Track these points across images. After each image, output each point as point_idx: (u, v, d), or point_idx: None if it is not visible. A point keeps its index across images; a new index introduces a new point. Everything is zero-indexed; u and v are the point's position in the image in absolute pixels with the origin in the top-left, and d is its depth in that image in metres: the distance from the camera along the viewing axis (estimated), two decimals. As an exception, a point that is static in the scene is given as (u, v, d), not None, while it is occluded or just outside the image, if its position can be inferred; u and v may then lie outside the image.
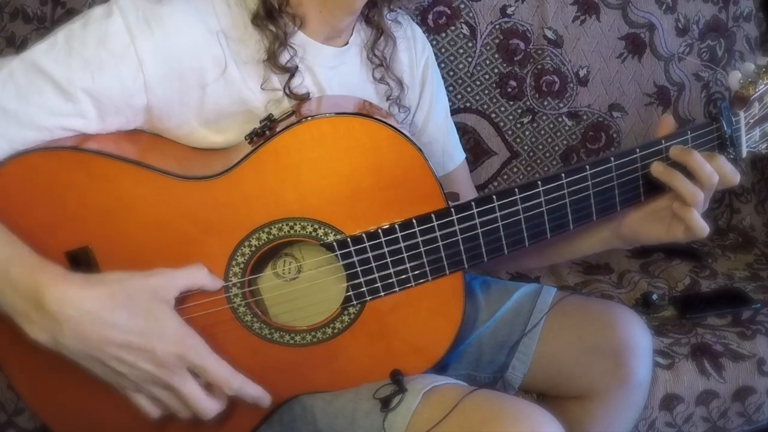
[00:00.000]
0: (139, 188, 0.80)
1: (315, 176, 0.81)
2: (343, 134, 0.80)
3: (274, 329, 0.88)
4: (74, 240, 0.81)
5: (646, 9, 1.61)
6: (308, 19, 0.91)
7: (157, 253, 0.82)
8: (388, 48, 1.02)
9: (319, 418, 0.92)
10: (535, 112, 1.61)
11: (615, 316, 1.11)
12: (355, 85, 0.99)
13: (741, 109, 0.91)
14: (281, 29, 0.88)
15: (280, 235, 0.83)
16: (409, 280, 0.87)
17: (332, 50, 0.95)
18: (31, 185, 0.79)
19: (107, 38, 0.79)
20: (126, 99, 0.82)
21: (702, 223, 0.90)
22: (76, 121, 0.81)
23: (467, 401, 0.83)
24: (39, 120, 0.79)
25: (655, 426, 1.27)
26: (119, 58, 0.79)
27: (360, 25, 1.01)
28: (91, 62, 0.79)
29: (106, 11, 0.80)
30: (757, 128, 0.93)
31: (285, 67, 0.89)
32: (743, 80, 0.91)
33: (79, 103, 0.80)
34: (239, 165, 0.80)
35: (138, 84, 0.81)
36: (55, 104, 0.79)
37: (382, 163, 0.82)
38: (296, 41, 0.90)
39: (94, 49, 0.79)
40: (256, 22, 0.87)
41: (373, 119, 0.81)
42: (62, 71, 0.78)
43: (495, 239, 0.86)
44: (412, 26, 1.10)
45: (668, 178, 0.88)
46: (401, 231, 0.84)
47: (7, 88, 0.78)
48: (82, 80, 0.79)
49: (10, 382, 0.92)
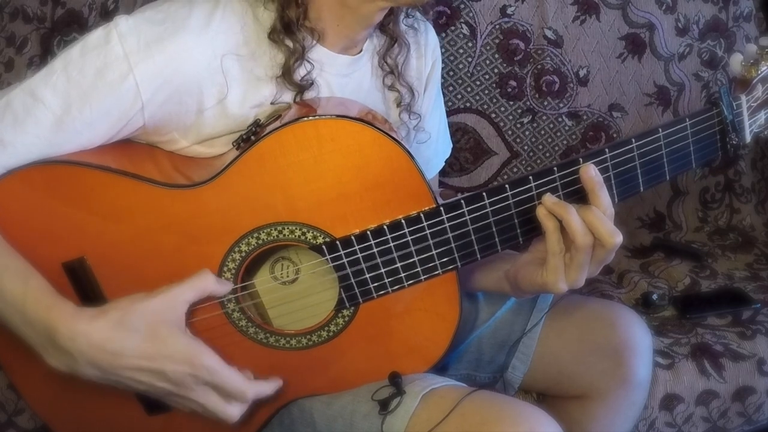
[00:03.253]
0: (130, 199, 0.81)
1: (301, 179, 0.81)
2: (327, 137, 0.80)
3: (270, 333, 0.88)
4: (70, 251, 0.82)
5: (646, 9, 1.61)
6: (326, 33, 0.89)
7: (150, 261, 0.83)
8: (402, 55, 1.01)
9: (318, 420, 0.92)
10: (535, 112, 1.61)
11: (615, 316, 1.11)
12: (366, 92, 0.98)
13: (743, 92, 0.88)
14: (299, 43, 0.86)
15: (268, 240, 0.83)
16: (401, 281, 0.86)
17: (346, 59, 0.94)
18: (26, 198, 0.80)
19: (105, 68, 0.78)
20: (123, 122, 0.82)
21: (558, 275, 0.83)
22: (71, 147, 0.81)
23: (466, 403, 0.83)
24: (36, 150, 0.80)
25: (655, 426, 1.27)
26: (118, 86, 0.79)
27: (373, 32, 0.99)
28: (89, 93, 0.79)
29: (105, 37, 0.79)
30: (761, 111, 0.90)
31: (299, 84, 0.87)
32: (745, 62, 0.88)
33: (77, 133, 0.80)
34: (225, 171, 0.80)
35: (136, 107, 0.81)
36: (51, 134, 0.79)
37: (367, 165, 0.81)
38: (314, 55, 0.89)
39: (92, 79, 0.79)
40: (272, 37, 0.85)
41: (357, 121, 0.80)
42: (59, 102, 0.79)
43: (487, 236, 0.85)
44: (427, 33, 1.08)
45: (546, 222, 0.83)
46: (390, 232, 0.83)
47: (6, 118, 0.79)
48: (80, 112, 0.79)
49: (10, 382, 0.92)
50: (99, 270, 0.83)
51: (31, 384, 0.91)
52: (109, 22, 0.80)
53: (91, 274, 0.83)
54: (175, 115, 0.84)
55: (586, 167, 0.81)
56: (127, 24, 0.79)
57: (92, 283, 0.83)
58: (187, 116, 0.84)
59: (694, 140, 0.87)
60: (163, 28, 0.80)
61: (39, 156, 0.80)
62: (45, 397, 0.92)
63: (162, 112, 0.82)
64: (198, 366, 0.77)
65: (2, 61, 1.41)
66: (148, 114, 0.82)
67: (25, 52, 1.41)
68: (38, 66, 1.37)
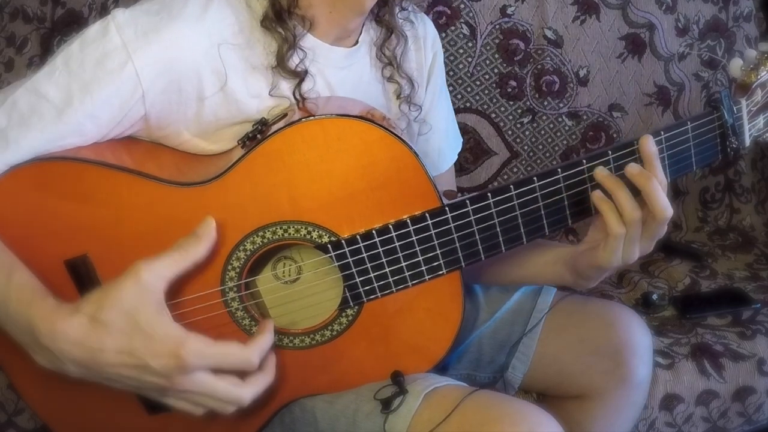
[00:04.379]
0: (133, 196, 0.80)
1: (307, 178, 0.81)
2: (334, 136, 0.79)
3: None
4: (72, 249, 0.82)
5: (646, 9, 1.61)
6: (318, 20, 0.89)
7: None
8: (399, 47, 1.01)
9: (320, 419, 0.92)
10: (535, 112, 1.61)
11: (615, 316, 1.11)
12: (366, 85, 0.98)
13: (743, 96, 0.88)
14: (290, 32, 0.86)
15: (274, 239, 0.83)
16: (405, 281, 0.86)
17: (342, 51, 0.94)
18: (29, 196, 0.80)
19: (105, 58, 0.79)
20: (124, 111, 0.82)
21: (615, 254, 0.84)
22: (75, 139, 0.81)
23: (467, 402, 0.83)
24: (40, 145, 0.79)
25: (655, 426, 1.27)
26: (117, 75, 0.79)
27: (369, 23, 0.99)
28: (90, 84, 0.79)
29: (103, 30, 0.80)
30: (760, 115, 0.90)
31: (295, 72, 0.87)
32: (745, 67, 0.88)
33: (79, 125, 0.80)
34: (231, 169, 0.80)
35: (136, 96, 0.81)
36: (54, 127, 0.79)
37: (374, 164, 0.81)
38: (306, 44, 0.89)
39: (92, 71, 0.79)
40: (264, 25, 0.86)
41: (364, 120, 0.80)
42: (62, 96, 0.79)
43: (491, 236, 0.85)
44: (425, 24, 1.08)
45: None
46: (395, 231, 0.83)
47: (13, 118, 0.79)
48: (82, 103, 0.79)
49: (10, 382, 0.92)
50: (102, 267, 0.82)
51: (31, 384, 0.91)
52: (107, 16, 0.81)
53: (94, 271, 0.82)
54: (175, 104, 0.84)
55: (645, 138, 0.82)
56: (124, 15, 0.80)
57: (95, 281, 0.83)
58: (188, 105, 0.84)
59: (695, 143, 0.88)
60: (159, 17, 0.81)
61: (43, 151, 0.80)
62: (45, 397, 0.91)
63: (162, 101, 0.82)
64: (184, 354, 0.71)
65: (2, 61, 1.41)
66: (149, 102, 0.82)
67: (25, 52, 1.41)
68: (38, 66, 1.37)
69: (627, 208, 0.82)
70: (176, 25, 0.81)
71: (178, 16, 0.81)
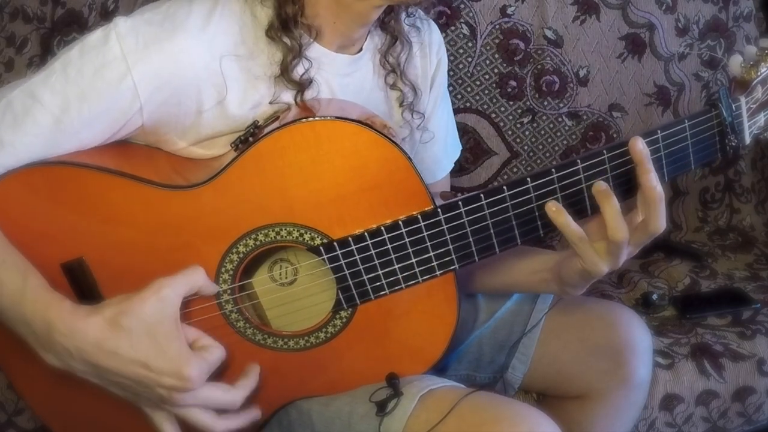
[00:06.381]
0: (128, 200, 0.81)
1: (298, 181, 0.81)
2: (325, 138, 0.79)
3: (268, 334, 0.88)
4: (68, 252, 0.82)
5: (646, 9, 1.60)
6: (323, 30, 0.89)
7: (148, 261, 0.82)
8: (403, 54, 1.00)
9: (316, 421, 0.92)
10: (535, 112, 1.60)
11: (615, 316, 1.11)
12: (368, 92, 0.98)
13: (742, 94, 0.87)
14: (296, 41, 0.86)
15: (266, 241, 0.83)
16: (398, 282, 0.85)
17: (346, 58, 0.93)
18: (25, 199, 0.80)
19: (103, 68, 0.78)
20: (121, 122, 0.82)
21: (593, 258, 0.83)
22: (72, 145, 0.81)
23: (464, 404, 0.83)
24: (35, 150, 0.79)
25: (655, 426, 1.27)
26: (115, 86, 0.79)
27: (375, 30, 0.98)
28: (87, 93, 0.79)
29: (104, 38, 0.79)
30: (761, 113, 0.89)
31: (299, 82, 0.87)
32: (745, 64, 0.87)
33: (76, 132, 0.80)
34: (223, 172, 0.80)
35: (134, 109, 0.80)
36: (50, 133, 0.79)
37: (365, 166, 0.81)
38: (311, 53, 0.89)
39: (90, 79, 0.78)
40: (270, 34, 0.85)
41: (354, 122, 0.80)
42: (58, 102, 0.79)
43: (485, 237, 0.84)
44: (431, 31, 1.07)
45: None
46: (387, 233, 0.83)
47: (6, 119, 0.79)
48: (78, 110, 0.79)
49: (10, 382, 0.92)
50: (97, 270, 0.83)
51: (31, 384, 0.91)
52: (109, 23, 0.80)
53: (90, 274, 0.83)
54: (173, 116, 0.84)
55: (634, 140, 0.81)
56: (126, 25, 0.79)
57: (90, 284, 0.83)
58: (185, 117, 0.84)
59: (693, 142, 0.86)
60: (161, 28, 0.80)
61: (38, 156, 0.80)
62: (45, 398, 0.92)
63: (160, 113, 0.82)
64: (185, 379, 0.75)
65: (2, 61, 1.41)
66: (146, 115, 0.82)
67: (25, 52, 1.41)
68: (38, 66, 1.38)
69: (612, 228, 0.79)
70: (178, 38, 0.80)
71: (180, 27, 0.80)
